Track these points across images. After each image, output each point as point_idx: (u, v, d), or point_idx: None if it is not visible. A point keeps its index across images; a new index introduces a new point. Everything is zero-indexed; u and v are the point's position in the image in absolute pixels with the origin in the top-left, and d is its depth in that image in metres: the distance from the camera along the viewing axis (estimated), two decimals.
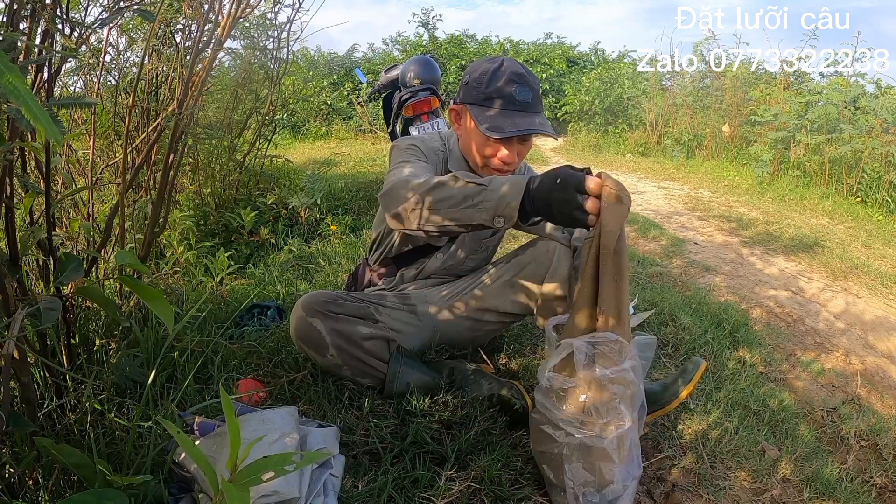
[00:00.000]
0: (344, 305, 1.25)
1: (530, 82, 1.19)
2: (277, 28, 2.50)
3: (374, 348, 1.25)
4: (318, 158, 5.19)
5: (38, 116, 0.43)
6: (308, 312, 1.21)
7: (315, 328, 1.21)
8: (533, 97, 1.18)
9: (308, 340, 1.22)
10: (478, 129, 1.19)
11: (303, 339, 1.22)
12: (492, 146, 1.20)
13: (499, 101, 1.17)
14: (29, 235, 0.90)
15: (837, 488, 1.16)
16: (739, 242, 3.12)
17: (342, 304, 1.25)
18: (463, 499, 1.01)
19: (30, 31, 0.84)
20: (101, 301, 0.94)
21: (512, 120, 1.16)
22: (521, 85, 1.17)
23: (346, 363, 1.23)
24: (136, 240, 1.55)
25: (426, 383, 1.25)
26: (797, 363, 1.76)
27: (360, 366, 1.25)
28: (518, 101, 1.16)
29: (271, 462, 0.59)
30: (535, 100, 1.19)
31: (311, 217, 2.67)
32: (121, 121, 1.91)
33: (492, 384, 1.24)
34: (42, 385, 1.03)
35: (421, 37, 11.10)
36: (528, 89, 1.17)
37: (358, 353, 1.23)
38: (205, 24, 1.33)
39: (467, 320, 1.38)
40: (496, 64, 1.19)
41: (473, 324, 1.39)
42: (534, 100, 1.18)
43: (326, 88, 9.24)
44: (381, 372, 1.26)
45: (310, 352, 1.24)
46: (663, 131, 7.17)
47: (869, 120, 4.21)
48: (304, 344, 1.23)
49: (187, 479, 0.91)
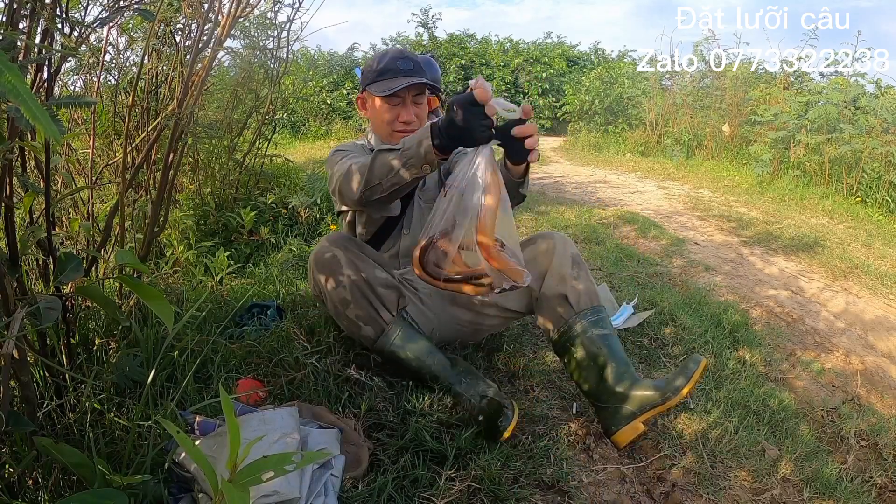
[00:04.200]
0: (366, 249, 1.34)
1: (411, 57, 1.39)
2: (277, 27, 2.50)
3: (386, 296, 1.27)
4: (317, 158, 5.19)
5: (37, 116, 0.43)
6: (331, 242, 1.29)
7: (335, 256, 1.26)
8: (415, 66, 1.36)
9: (323, 265, 1.26)
10: (377, 102, 1.37)
11: (319, 263, 1.27)
12: (390, 111, 1.37)
13: (387, 73, 1.35)
14: (28, 235, 0.90)
15: (837, 488, 1.16)
16: (739, 242, 3.12)
17: (365, 247, 1.35)
18: (463, 499, 1.01)
19: (29, 30, 0.83)
20: (100, 300, 0.94)
21: (395, 81, 1.34)
22: (403, 59, 1.37)
23: (355, 300, 1.25)
24: (136, 239, 1.55)
25: (423, 352, 1.27)
26: (797, 363, 1.76)
27: (367, 309, 1.25)
28: (402, 68, 1.35)
29: (271, 462, 0.59)
30: (418, 67, 1.37)
31: (311, 216, 2.67)
32: (120, 120, 1.91)
33: (489, 386, 1.23)
34: (42, 385, 1.03)
35: (421, 36, 11.09)
36: (409, 60, 1.37)
37: (369, 293, 1.25)
38: (205, 23, 1.33)
39: (469, 312, 1.40)
40: (383, 52, 1.42)
41: (475, 317, 1.41)
42: (416, 67, 1.36)
43: (326, 88, 9.24)
44: (384, 322, 1.27)
45: (322, 279, 1.27)
46: (663, 131, 7.16)
47: (869, 120, 4.22)
48: (318, 270, 1.27)
49: (187, 478, 0.91)
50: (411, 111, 1.38)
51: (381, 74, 1.37)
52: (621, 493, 1.10)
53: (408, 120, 1.37)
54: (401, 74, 1.35)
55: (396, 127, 1.39)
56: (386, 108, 1.37)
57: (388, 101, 1.36)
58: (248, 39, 2.52)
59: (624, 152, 7.43)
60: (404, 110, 1.37)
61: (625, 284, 2.23)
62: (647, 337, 1.76)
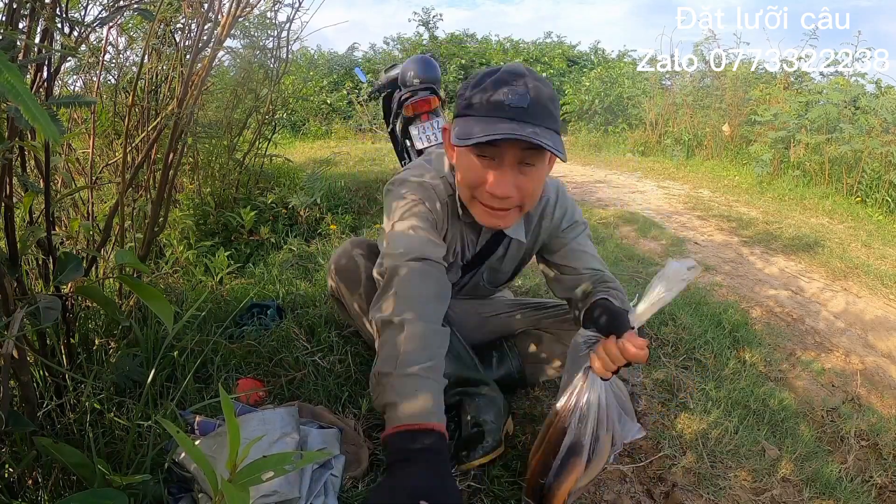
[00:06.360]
0: None
1: (529, 84, 0.90)
2: (277, 27, 2.50)
3: None
4: (317, 158, 5.19)
5: (36, 115, 0.43)
6: (354, 244, 1.22)
7: (355, 260, 1.19)
8: (531, 103, 0.88)
9: (344, 271, 1.20)
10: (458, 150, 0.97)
11: (340, 268, 1.20)
12: (477, 171, 0.94)
13: (483, 106, 0.90)
14: (28, 234, 0.90)
15: (837, 488, 1.16)
16: (739, 242, 3.12)
17: None
18: (463, 499, 1.01)
19: (29, 29, 0.83)
20: (100, 300, 0.94)
21: (492, 126, 0.88)
22: (513, 86, 0.88)
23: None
24: (136, 239, 1.55)
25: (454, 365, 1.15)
26: (797, 363, 1.76)
27: None
28: (507, 104, 0.88)
29: (271, 462, 0.59)
30: (536, 108, 0.88)
31: (311, 216, 2.67)
32: (120, 120, 1.90)
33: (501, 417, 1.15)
34: (41, 384, 1.03)
35: (421, 36, 11.09)
36: (523, 92, 0.88)
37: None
38: (204, 23, 1.33)
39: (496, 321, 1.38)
40: (493, 68, 0.96)
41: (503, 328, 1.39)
42: (532, 106, 0.88)
43: (326, 88, 9.23)
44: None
45: (342, 286, 1.22)
46: (663, 131, 7.16)
47: (869, 120, 4.21)
48: (338, 275, 1.22)
49: (187, 478, 0.91)
50: (508, 180, 0.93)
51: (470, 106, 0.92)
52: (621, 492, 1.10)
53: (500, 193, 0.93)
54: (502, 115, 0.88)
55: (482, 198, 0.97)
56: (472, 160, 0.94)
57: (473, 151, 0.92)
58: (248, 39, 2.51)
59: (624, 152, 7.42)
60: (498, 173, 0.93)
61: (625, 284, 2.23)
62: (647, 337, 1.76)
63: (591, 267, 1.15)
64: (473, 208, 1.01)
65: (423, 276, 0.96)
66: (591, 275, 1.13)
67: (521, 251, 1.22)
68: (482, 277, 1.27)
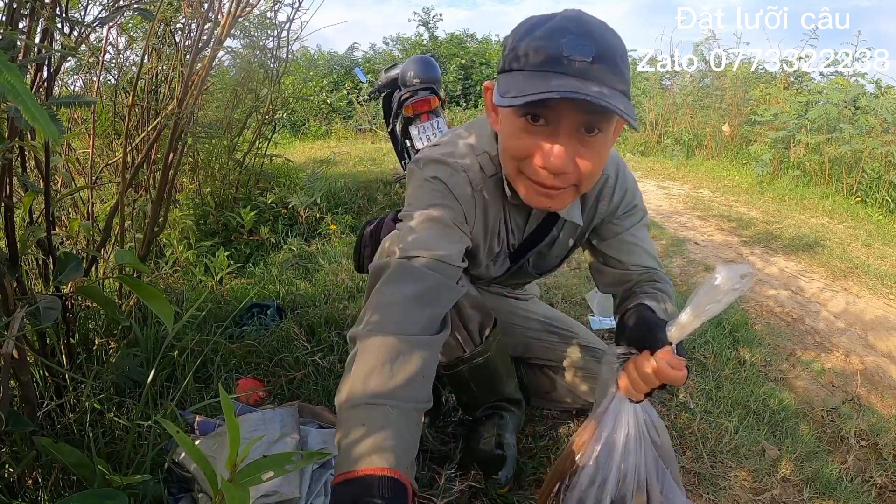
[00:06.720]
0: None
1: (595, 34, 0.71)
2: (277, 27, 2.50)
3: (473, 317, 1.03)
4: (317, 157, 5.19)
5: (36, 115, 0.43)
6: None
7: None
8: (598, 57, 0.69)
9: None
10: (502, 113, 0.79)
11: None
12: (525, 139, 0.75)
13: (536, 58, 0.70)
14: (28, 234, 0.90)
15: (837, 488, 1.16)
16: (739, 242, 3.12)
17: None
18: (463, 499, 1.01)
19: (29, 29, 0.83)
20: (100, 300, 0.94)
21: (547, 82, 0.68)
22: (575, 36, 0.69)
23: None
24: (136, 239, 1.55)
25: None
26: (797, 363, 1.76)
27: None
28: (567, 57, 0.68)
29: (271, 462, 0.59)
30: (603, 63, 0.69)
31: (311, 216, 2.67)
32: (120, 120, 1.90)
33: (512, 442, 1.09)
34: (41, 384, 1.03)
35: (421, 36, 11.08)
36: (587, 42, 0.69)
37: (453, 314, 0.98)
38: (204, 23, 1.33)
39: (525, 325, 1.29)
40: (547, 14, 0.74)
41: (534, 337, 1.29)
42: (599, 61, 0.69)
43: (326, 88, 9.23)
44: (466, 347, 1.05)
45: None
46: (663, 131, 7.16)
47: (869, 120, 4.21)
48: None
49: (187, 478, 0.91)
50: (566, 151, 0.74)
51: (519, 59, 0.72)
52: None
53: (555, 167, 0.74)
54: (557, 69, 0.69)
55: (530, 172, 0.78)
56: (519, 125, 0.76)
57: (520, 113, 0.74)
58: (248, 39, 2.51)
59: (624, 152, 7.42)
60: (553, 140, 0.74)
61: None
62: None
63: (643, 264, 0.99)
64: (519, 185, 0.82)
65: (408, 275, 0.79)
66: (641, 272, 0.99)
67: (574, 234, 1.04)
68: (528, 262, 1.09)
